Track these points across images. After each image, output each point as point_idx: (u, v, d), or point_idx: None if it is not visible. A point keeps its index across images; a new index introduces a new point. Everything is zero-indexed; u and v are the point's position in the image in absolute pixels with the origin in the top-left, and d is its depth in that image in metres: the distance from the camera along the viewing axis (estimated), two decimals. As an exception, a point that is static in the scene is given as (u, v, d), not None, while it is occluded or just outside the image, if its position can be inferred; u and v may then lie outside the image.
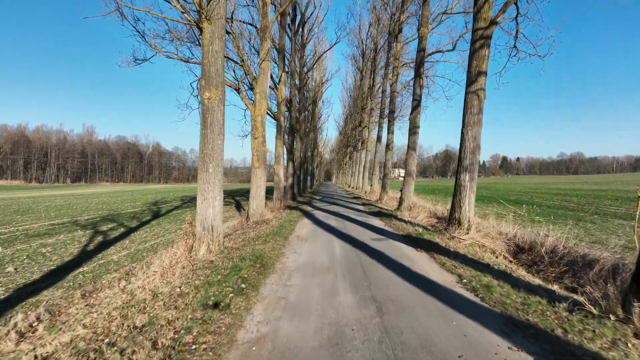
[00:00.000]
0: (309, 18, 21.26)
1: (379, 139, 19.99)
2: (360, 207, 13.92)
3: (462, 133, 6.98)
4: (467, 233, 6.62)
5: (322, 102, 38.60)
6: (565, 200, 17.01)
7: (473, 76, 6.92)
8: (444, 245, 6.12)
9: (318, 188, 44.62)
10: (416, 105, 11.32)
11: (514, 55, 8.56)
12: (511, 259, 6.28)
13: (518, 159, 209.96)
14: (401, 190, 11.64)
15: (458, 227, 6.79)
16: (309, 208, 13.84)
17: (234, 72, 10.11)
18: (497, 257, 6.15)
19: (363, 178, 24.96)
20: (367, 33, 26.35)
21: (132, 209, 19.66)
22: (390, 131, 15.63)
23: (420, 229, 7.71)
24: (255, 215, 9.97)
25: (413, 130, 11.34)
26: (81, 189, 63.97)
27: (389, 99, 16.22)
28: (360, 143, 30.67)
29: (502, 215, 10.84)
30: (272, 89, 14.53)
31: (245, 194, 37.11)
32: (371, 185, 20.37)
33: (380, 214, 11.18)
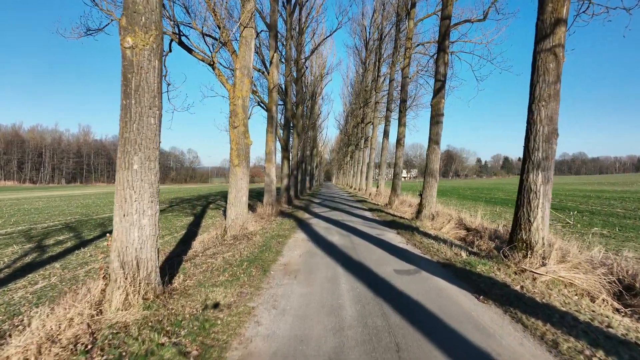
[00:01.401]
0: (307, 1, 19.01)
1: (385, 134, 17.67)
2: (368, 214, 11.59)
3: (530, 112, 4.66)
4: (544, 264, 4.32)
5: (322, 98, 36.35)
6: (604, 204, 14.69)
7: (547, 27, 4.60)
8: (516, 287, 3.79)
9: (318, 189, 42.30)
10: (440, 87, 9.01)
11: (584, 12, 6.25)
12: (617, 305, 3.97)
13: (519, 159, 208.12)
14: (420, 195, 9.30)
15: (529, 253, 4.46)
16: (306, 215, 11.50)
17: (204, 39, 7.82)
18: (596, 304, 3.84)
19: (367, 179, 22.64)
20: (371, 19, 24.06)
21: (109, 213, 17.43)
22: (401, 124, 13.32)
23: (464, 254, 5.36)
24: (235, 227, 7.64)
25: (436, 118, 9.02)
26: (74, 189, 61.61)
27: (399, 88, 13.91)
28: (363, 141, 28.36)
29: (550, 226, 8.53)
30: (262, 73, 12.26)
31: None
32: (377, 186, 18.04)
33: (394, 224, 8.86)
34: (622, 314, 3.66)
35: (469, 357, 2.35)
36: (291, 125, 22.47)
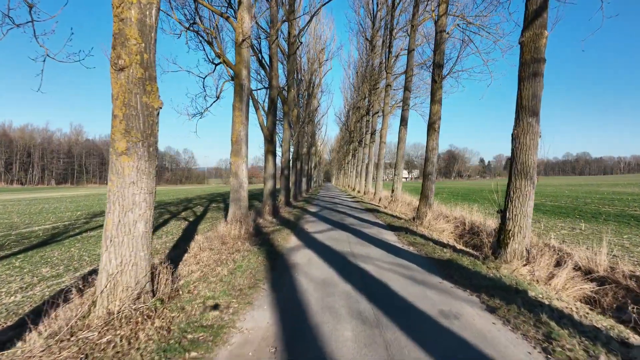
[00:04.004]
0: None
1: (403, 121, 13.39)
2: (392, 239, 7.26)
3: None
4: None
5: (321, 90, 32.09)
6: None
7: None
8: None
9: (316, 191, 37.98)
10: (539, 9, 4.72)
11: None
12: None
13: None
14: (502, 212, 4.96)
15: None
16: (292, 240, 7.18)
17: None
18: None
19: (376, 180, 18.33)
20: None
21: (51, 223, 13.38)
22: (434, 100, 9.03)
23: None
24: (116, 292, 3.32)
25: (532, 67, 4.72)
26: (61, 191, 57.62)
27: (432, 48, 9.63)
28: (369, 135, 24.07)
29: None
30: (225, 19, 7.93)
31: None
32: (393, 190, 13.71)
33: (458, 270, 4.51)
34: None
35: None
36: (280, 110, 18.16)
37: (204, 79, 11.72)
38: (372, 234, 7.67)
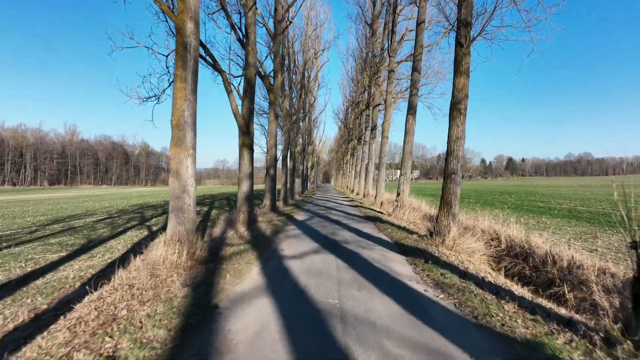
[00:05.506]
0: None
1: (411, 109, 10.91)
2: (408, 276, 4.75)
3: None
4: None
5: (318, 85, 29.52)
6: None
7: None
8: None
9: (312, 193, 35.45)
10: None
11: None
12: None
13: (523, 159, 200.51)
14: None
15: None
16: (250, 277, 4.66)
17: None
18: None
19: (378, 181, 15.83)
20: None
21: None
22: (460, 71, 6.55)
23: None
24: None
25: None
26: (50, 192, 55.23)
27: (456, 2, 7.12)
28: (369, 131, 21.61)
29: None
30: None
31: (207, 200, 26.22)
32: (399, 193, 11.20)
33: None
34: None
35: None
36: (265, 103, 15.66)
37: (166, 56, 9.35)
38: (374, 261, 5.17)
